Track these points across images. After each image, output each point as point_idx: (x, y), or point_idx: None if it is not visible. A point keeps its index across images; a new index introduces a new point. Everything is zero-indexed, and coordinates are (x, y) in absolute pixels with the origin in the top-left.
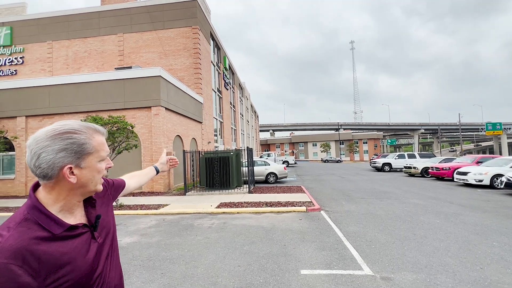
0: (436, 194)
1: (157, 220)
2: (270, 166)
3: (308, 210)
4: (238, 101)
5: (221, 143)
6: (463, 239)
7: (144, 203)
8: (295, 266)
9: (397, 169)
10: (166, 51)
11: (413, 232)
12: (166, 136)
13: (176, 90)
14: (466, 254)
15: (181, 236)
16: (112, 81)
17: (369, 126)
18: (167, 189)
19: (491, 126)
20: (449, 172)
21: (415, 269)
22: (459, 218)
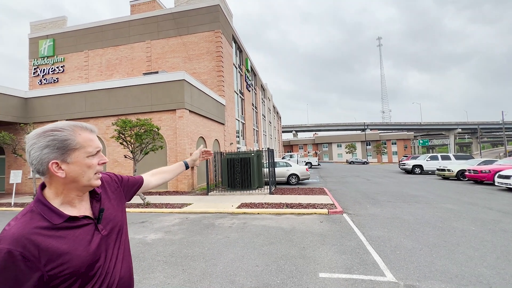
0: (473, 199)
1: (180, 219)
2: (291, 167)
3: (330, 213)
4: (260, 102)
5: (243, 144)
6: (502, 248)
7: (169, 202)
8: (313, 268)
9: (429, 171)
10: (190, 55)
11: (443, 239)
12: (189, 137)
13: (199, 93)
14: (505, 265)
15: (202, 235)
16: (140, 86)
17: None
18: (191, 189)
19: None
20: (489, 175)
21: (444, 278)
22: (499, 226)
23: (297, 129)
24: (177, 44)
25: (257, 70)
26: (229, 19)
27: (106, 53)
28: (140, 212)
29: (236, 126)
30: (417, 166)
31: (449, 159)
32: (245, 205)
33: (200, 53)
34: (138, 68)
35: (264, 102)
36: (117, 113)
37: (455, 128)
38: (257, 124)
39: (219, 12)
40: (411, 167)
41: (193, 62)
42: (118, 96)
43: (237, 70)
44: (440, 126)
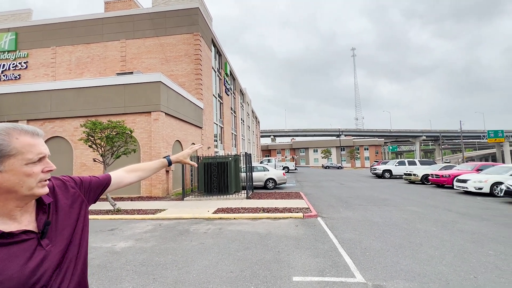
0: (435, 201)
1: (153, 225)
2: (269, 171)
3: (305, 217)
4: (239, 106)
5: (221, 148)
6: (458, 247)
7: (142, 208)
8: (287, 273)
9: (397, 176)
10: (168, 57)
11: (408, 240)
12: (165, 141)
13: (177, 96)
14: (460, 262)
15: (176, 241)
16: (113, 86)
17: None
18: (166, 194)
19: (493, 134)
20: (449, 179)
21: (408, 277)
22: (456, 226)
23: (275, 134)
24: (154, 45)
25: (236, 75)
26: (208, 22)
27: (76, 51)
28: (109, 219)
29: (214, 130)
30: (386, 171)
31: (415, 165)
32: (221, 210)
33: (178, 55)
34: (111, 67)
35: (243, 107)
36: (86, 114)
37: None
38: (235, 129)
39: (198, 15)
40: (381, 171)
41: (170, 64)
42: (88, 96)
43: (216, 74)
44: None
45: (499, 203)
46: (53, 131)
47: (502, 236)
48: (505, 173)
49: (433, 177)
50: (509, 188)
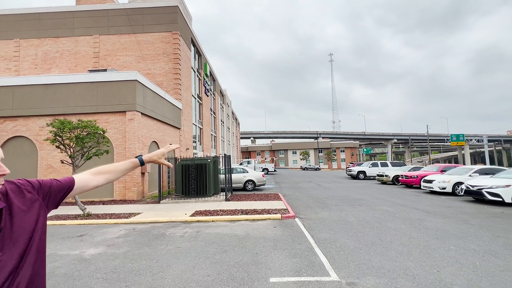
0: (404, 201)
1: (127, 230)
2: (248, 173)
3: (283, 218)
4: (219, 107)
5: (200, 150)
6: (424, 243)
7: (115, 212)
8: (264, 274)
9: (371, 177)
10: (145, 55)
11: (380, 238)
12: (141, 141)
13: (154, 95)
14: (425, 258)
15: (150, 246)
16: (84, 84)
17: (346, 135)
18: (141, 197)
19: (455, 137)
20: (417, 180)
21: (379, 273)
22: (423, 224)
23: (255, 135)
24: (130, 42)
25: (216, 76)
26: (188, 21)
27: (44, 44)
28: (78, 224)
29: (193, 131)
30: (361, 172)
31: (387, 166)
32: (199, 213)
33: (155, 53)
34: (83, 64)
35: (223, 108)
36: (54, 113)
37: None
38: (215, 130)
39: (177, 13)
40: (356, 173)
41: (147, 62)
42: (57, 93)
43: (195, 74)
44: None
45: (460, 201)
46: (15, 131)
47: (461, 232)
48: (465, 174)
49: (403, 178)
50: (469, 187)
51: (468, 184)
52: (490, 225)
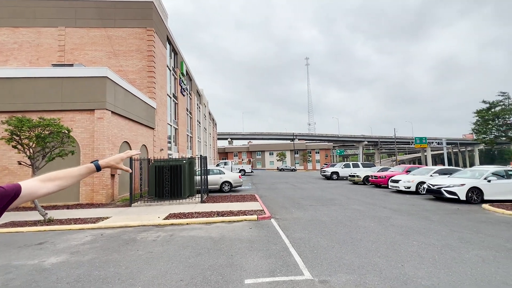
0: (373, 200)
1: (93, 236)
2: (225, 174)
3: (259, 219)
4: (195, 108)
5: (175, 151)
6: (390, 240)
7: (80, 217)
8: (239, 276)
9: (343, 177)
10: (116, 51)
11: (351, 236)
12: (111, 142)
13: (126, 93)
14: (391, 253)
15: (120, 252)
16: (47, 79)
17: (321, 137)
18: (110, 200)
19: (418, 140)
20: (385, 180)
21: (349, 270)
22: (389, 221)
23: (232, 136)
24: (100, 36)
25: (193, 75)
26: (163, 18)
27: None
28: (38, 231)
29: (168, 131)
30: (334, 173)
31: (358, 167)
32: (173, 216)
33: (128, 49)
34: (46, 57)
35: (199, 108)
36: (11, 109)
37: (363, 140)
38: (191, 130)
39: (152, 9)
40: (329, 173)
41: (119, 58)
42: (14, 88)
43: (171, 73)
44: (353, 139)
45: (422, 199)
46: None
47: (423, 228)
48: (427, 174)
49: (373, 178)
50: (430, 187)
51: (429, 183)
52: (447, 221)
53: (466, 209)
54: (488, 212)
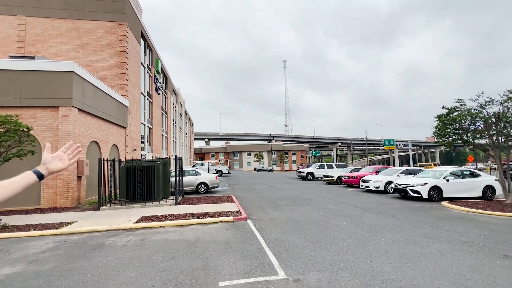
0: (346, 199)
1: (56, 242)
2: (201, 175)
3: (235, 220)
4: (171, 107)
5: (149, 151)
6: (360, 237)
7: (41, 222)
8: (214, 279)
9: (318, 177)
10: (85, 44)
11: (324, 235)
12: (77, 141)
13: (95, 90)
14: (361, 250)
15: (85, 259)
16: (4, 71)
17: (298, 138)
18: (76, 203)
19: (387, 142)
20: (356, 180)
21: (322, 268)
22: (360, 220)
23: (209, 137)
24: (66, 28)
25: (169, 73)
26: (137, 13)
27: None
28: None
29: (141, 130)
30: (310, 173)
31: (332, 168)
32: (145, 219)
33: (98, 44)
34: (2, 48)
35: (175, 107)
36: None
37: (337, 142)
38: (166, 130)
39: (125, 3)
40: (305, 174)
41: (88, 53)
42: None
43: (145, 70)
44: (327, 140)
45: (390, 198)
46: None
47: (390, 225)
48: (394, 174)
49: (345, 178)
50: (396, 186)
51: (396, 183)
52: (411, 218)
53: (428, 206)
54: (446, 208)
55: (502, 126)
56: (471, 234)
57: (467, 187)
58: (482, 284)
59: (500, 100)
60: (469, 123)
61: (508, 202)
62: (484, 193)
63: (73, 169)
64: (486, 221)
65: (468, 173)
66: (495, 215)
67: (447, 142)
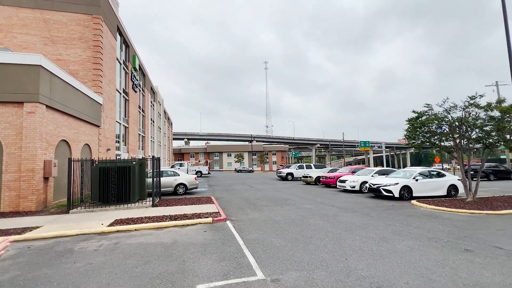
0: (323, 199)
1: (18, 249)
2: (179, 176)
3: (214, 221)
4: (149, 105)
5: (125, 151)
6: (337, 236)
7: (1, 228)
8: (191, 282)
9: (298, 178)
10: (55, 37)
11: (302, 234)
12: (45, 140)
13: (65, 86)
14: (337, 248)
15: (51, 266)
16: None
17: (278, 139)
18: (43, 207)
19: (363, 144)
20: (334, 180)
21: (299, 267)
22: (337, 219)
23: (189, 137)
24: (33, 19)
25: (147, 71)
26: (113, 7)
27: None
28: None
29: (116, 129)
30: (289, 174)
31: (311, 168)
32: (119, 222)
33: (70, 37)
34: None
35: (153, 106)
36: None
37: (316, 143)
38: (143, 129)
39: None
40: (285, 174)
41: (58, 46)
42: None
43: (121, 67)
44: (307, 141)
45: (365, 197)
46: None
47: (364, 223)
48: (369, 174)
49: (323, 179)
50: (371, 186)
51: (371, 183)
52: (384, 216)
53: (399, 205)
54: (415, 207)
55: (464, 130)
56: (437, 230)
57: (434, 186)
58: (445, 277)
59: (463, 106)
60: (436, 126)
61: (469, 200)
62: (448, 192)
63: (39, 170)
64: (450, 218)
65: (435, 173)
66: (457, 212)
67: (417, 144)
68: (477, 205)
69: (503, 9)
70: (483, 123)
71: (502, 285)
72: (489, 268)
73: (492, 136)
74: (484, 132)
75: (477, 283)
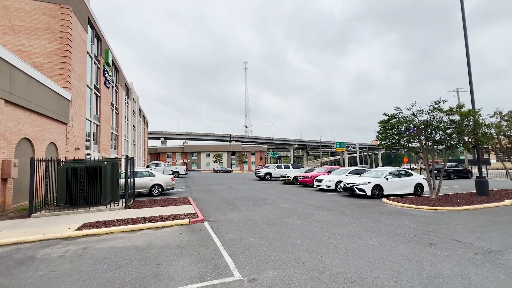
0: (301, 198)
1: None
2: (155, 177)
3: (191, 222)
4: (123, 103)
5: (96, 150)
6: (313, 234)
7: None
8: (165, 285)
9: (276, 178)
10: (16, 26)
11: (280, 233)
12: (3, 138)
13: (28, 79)
14: (313, 246)
15: (9, 276)
16: None
17: (257, 139)
18: (0, 211)
19: (338, 145)
20: (310, 180)
21: (276, 266)
22: (313, 217)
23: (166, 136)
24: None
25: (120, 66)
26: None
27: None
28: None
29: (86, 127)
30: (268, 174)
31: (289, 168)
32: (89, 225)
33: (33, 27)
34: None
35: (128, 103)
36: None
37: (294, 144)
38: (117, 128)
39: None
40: (263, 174)
41: (20, 36)
42: None
43: (93, 61)
44: (285, 142)
45: (340, 196)
46: None
47: (339, 221)
48: (343, 174)
49: (301, 178)
50: (345, 185)
51: (345, 182)
52: (357, 214)
53: (371, 203)
54: (386, 204)
55: (429, 132)
56: (404, 226)
57: (403, 185)
58: (411, 270)
59: (428, 110)
60: (404, 129)
61: (433, 197)
62: (415, 190)
63: None
64: (416, 214)
65: (404, 173)
66: (423, 209)
67: (387, 145)
68: (440, 202)
69: (463, 22)
70: (446, 126)
71: (460, 275)
72: (449, 260)
73: (453, 138)
74: (446, 134)
75: (439, 274)
